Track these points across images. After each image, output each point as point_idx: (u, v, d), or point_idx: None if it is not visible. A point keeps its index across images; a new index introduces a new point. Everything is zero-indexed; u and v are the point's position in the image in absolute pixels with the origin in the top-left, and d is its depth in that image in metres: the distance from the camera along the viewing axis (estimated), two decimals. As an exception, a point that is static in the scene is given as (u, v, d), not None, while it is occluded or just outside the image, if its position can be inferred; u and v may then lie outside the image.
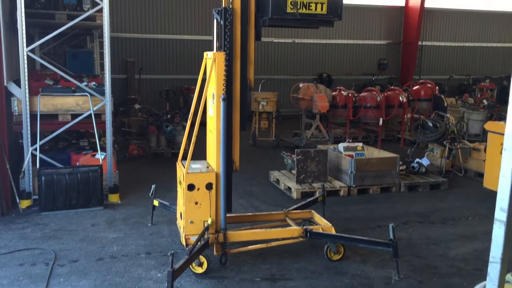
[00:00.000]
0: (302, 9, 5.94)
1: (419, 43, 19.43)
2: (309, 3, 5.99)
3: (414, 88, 13.12)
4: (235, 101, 5.62)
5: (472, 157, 9.47)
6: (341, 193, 8.03)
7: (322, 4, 6.03)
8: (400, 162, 8.39)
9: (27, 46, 6.69)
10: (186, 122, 6.02)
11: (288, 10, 5.88)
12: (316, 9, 6.02)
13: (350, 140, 9.52)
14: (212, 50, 5.77)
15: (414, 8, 19.02)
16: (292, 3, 5.87)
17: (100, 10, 7.39)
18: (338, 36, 18.77)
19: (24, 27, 6.53)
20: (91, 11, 7.42)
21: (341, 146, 8.59)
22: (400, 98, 11.99)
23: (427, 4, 19.00)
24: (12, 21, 7.39)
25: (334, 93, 12.42)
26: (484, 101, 13.93)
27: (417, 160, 8.96)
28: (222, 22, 5.68)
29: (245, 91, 5.82)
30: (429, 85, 12.93)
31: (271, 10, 5.90)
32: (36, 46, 8.23)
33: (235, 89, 5.63)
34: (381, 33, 19.52)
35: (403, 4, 19.52)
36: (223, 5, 5.86)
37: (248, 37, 5.84)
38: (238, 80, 5.60)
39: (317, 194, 7.22)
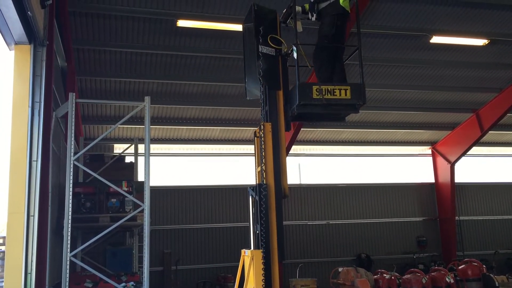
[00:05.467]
0: (327, 95, 6.16)
1: (456, 218, 19.15)
2: (333, 89, 6.25)
3: (460, 267, 12.56)
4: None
5: None
6: None
7: (346, 90, 6.31)
8: None
9: (70, 251, 6.90)
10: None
11: (314, 96, 6.15)
12: (340, 94, 6.25)
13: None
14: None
15: (444, 184, 19.21)
16: (318, 89, 6.12)
17: (141, 210, 7.74)
18: (373, 215, 18.79)
19: (69, 235, 6.82)
20: (133, 213, 7.77)
21: None
22: (447, 279, 11.44)
23: (457, 180, 19.19)
24: (58, 226, 7.77)
25: (375, 276, 12.00)
26: (538, 278, 13.11)
27: None
28: (257, 198, 5.87)
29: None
30: (475, 264, 12.37)
31: (299, 96, 6.19)
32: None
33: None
34: (415, 210, 19.48)
35: (433, 180, 19.81)
36: (257, 182, 6.12)
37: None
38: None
39: None
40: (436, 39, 13.04)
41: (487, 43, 13.32)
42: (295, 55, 6.55)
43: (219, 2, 11.17)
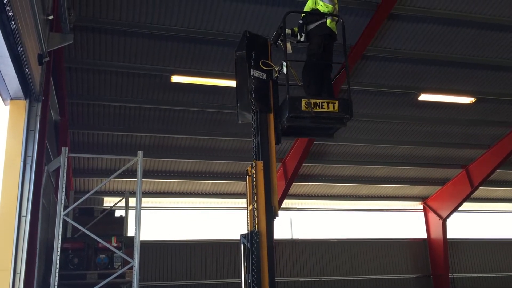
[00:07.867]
0: (316, 108, 6.35)
1: (450, 275, 18.86)
2: (322, 103, 6.47)
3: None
4: None
5: None
6: None
7: (334, 104, 6.51)
8: None
9: (56, 310, 6.68)
10: None
11: (303, 109, 6.33)
12: (328, 108, 6.38)
13: None
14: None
15: (437, 240, 19.03)
16: (307, 102, 6.28)
17: (131, 267, 7.57)
18: (366, 272, 18.44)
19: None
20: (122, 269, 7.60)
21: None
22: None
23: (450, 235, 19.04)
24: (44, 283, 7.55)
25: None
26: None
27: None
28: (248, 245, 5.85)
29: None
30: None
31: (288, 108, 6.43)
32: (64, 306, 8.19)
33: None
34: (409, 266, 19.18)
35: (425, 236, 19.65)
36: (248, 220, 6.10)
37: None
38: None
39: None
40: (424, 97, 13.37)
41: (474, 101, 13.66)
42: (285, 70, 6.76)
43: (212, 59, 11.49)
